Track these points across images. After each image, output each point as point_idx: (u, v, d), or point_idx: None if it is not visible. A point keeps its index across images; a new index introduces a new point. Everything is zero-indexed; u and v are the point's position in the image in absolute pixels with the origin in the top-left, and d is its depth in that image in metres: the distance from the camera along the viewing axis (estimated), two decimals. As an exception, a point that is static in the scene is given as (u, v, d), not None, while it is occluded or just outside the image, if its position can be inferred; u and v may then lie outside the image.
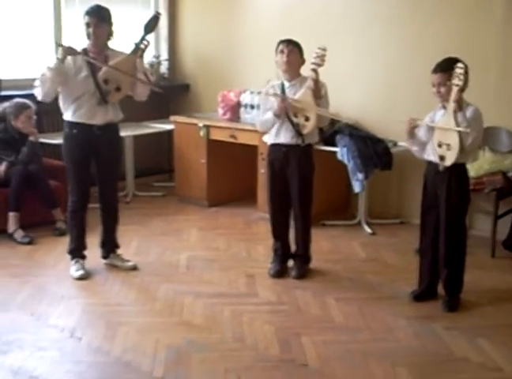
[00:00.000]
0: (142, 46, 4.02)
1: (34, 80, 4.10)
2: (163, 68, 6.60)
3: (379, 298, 3.88)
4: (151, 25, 4.04)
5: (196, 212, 5.67)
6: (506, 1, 4.76)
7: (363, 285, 4.08)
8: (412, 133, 3.66)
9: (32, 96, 4.63)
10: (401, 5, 5.24)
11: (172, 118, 5.99)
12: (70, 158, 4.13)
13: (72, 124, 4.06)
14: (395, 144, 5.12)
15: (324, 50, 3.85)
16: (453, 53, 3.75)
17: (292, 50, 4.00)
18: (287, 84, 4.09)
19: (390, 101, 5.34)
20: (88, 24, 3.96)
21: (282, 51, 4.00)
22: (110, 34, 4.05)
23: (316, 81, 3.88)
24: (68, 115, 4.06)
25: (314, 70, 3.88)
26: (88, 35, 3.98)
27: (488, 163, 4.63)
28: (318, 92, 3.91)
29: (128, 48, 4.04)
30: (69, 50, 3.93)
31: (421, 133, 3.69)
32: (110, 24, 4.03)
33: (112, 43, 4.11)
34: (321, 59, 3.85)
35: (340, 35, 5.43)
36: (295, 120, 3.99)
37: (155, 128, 6.15)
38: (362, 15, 5.43)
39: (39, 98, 4.02)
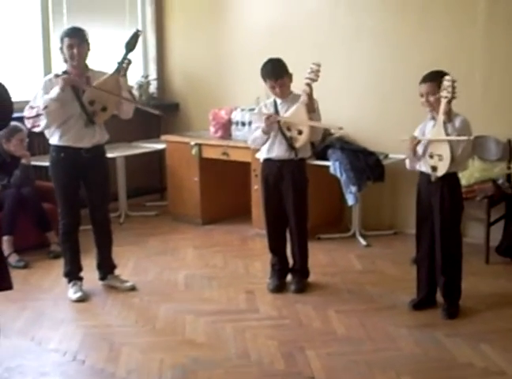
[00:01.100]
0: (124, 64, 4.04)
1: (26, 102, 4.12)
2: (153, 88, 6.63)
3: (379, 309, 3.90)
4: (132, 43, 4.07)
5: (190, 230, 5.67)
6: (489, 13, 4.86)
7: (363, 296, 4.11)
8: (415, 151, 3.70)
9: (23, 119, 4.65)
10: (388, 19, 5.32)
11: (163, 137, 6.01)
12: (59, 182, 4.13)
13: (59, 148, 4.07)
14: (386, 157, 5.19)
15: (318, 65, 3.92)
16: (440, 64, 3.83)
17: (282, 82, 4.03)
18: (279, 101, 4.14)
19: (380, 114, 5.41)
20: (71, 46, 3.96)
21: (273, 87, 4.04)
22: (87, 54, 4.08)
23: (310, 96, 3.94)
24: (54, 139, 4.07)
25: (309, 85, 3.93)
26: (72, 57, 3.98)
27: (478, 172, 4.71)
28: (312, 107, 3.97)
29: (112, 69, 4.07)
30: (70, 80, 3.92)
31: (419, 148, 3.73)
32: (88, 43, 4.05)
33: (101, 64, 4.14)
34: (315, 74, 3.92)
35: (329, 50, 5.49)
36: (288, 134, 4.03)
37: (146, 148, 6.17)
38: (349, 30, 5.50)
39: (39, 129, 4.04)
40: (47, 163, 5.02)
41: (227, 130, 5.60)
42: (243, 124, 5.45)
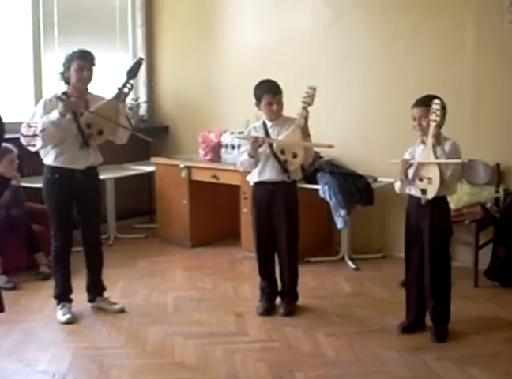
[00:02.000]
0: (125, 90, 4.07)
1: (16, 123, 4.13)
2: (142, 110, 6.67)
3: (368, 332, 3.91)
4: (134, 71, 4.11)
5: (179, 252, 5.67)
6: (478, 39, 4.95)
7: (352, 319, 4.11)
8: (406, 174, 3.73)
9: (13, 140, 4.65)
10: (377, 44, 5.40)
11: (153, 159, 6.03)
12: (52, 203, 4.12)
13: (53, 169, 4.06)
14: (375, 180, 5.23)
15: (314, 89, 3.96)
16: (428, 90, 3.88)
17: (279, 99, 4.08)
18: (269, 124, 4.17)
19: (369, 138, 5.46)
20: (81, 68, 3.97)
21: (270, 103, 4.07)
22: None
23: (306, 119, 3.98)
24: (49, 160, 4.06)
25: (305, 108, 3.97)
26: (81, 79, 3.98)
27: (467, 196, 4.75)
28: (307, 130, 4.02)
29: (106, 93, 4.09)
30: (71, 105, 3.92)
31: (410, 171, 3.76)
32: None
33: (92, 87, 4.15)
34: (311, 99, 3.96)
35: (318, 74, 5.52)
36: (282, 157, 4.06)
37: (135, 170, 6.18)
38: (339, 54, 5.57)
39: (34, 149, 4.03)
40: (37, 185, 5.03)
41: (217, 153, 5.63)
42: (233, 147, 5.48)
